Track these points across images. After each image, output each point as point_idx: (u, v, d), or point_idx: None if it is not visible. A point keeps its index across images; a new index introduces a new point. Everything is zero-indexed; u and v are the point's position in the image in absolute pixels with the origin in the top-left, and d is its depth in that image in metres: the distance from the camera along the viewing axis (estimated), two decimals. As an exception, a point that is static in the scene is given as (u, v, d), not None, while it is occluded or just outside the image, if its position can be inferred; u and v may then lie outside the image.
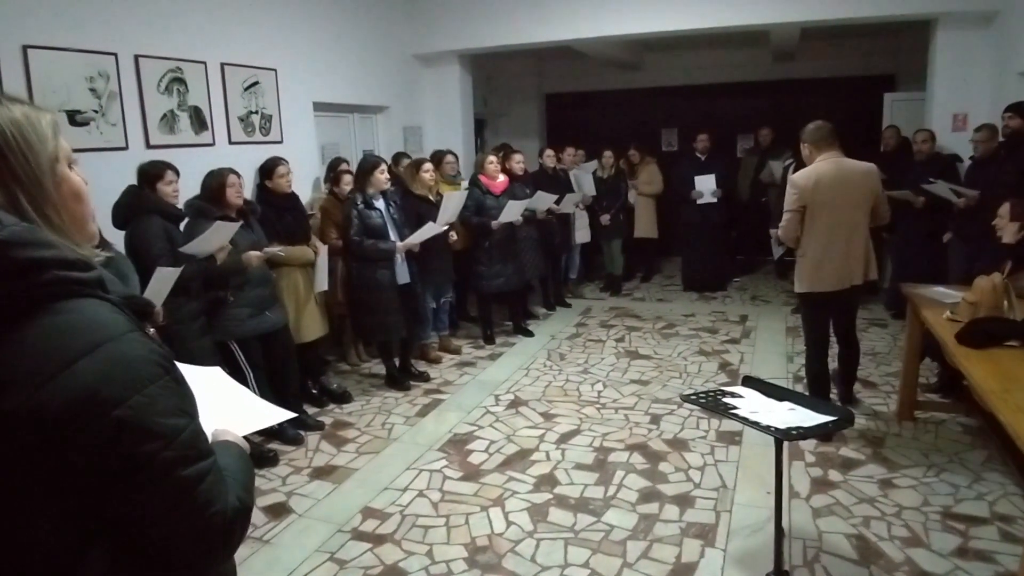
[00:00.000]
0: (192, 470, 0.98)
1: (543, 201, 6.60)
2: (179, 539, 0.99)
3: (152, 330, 1.12)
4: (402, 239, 5.08)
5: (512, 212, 6.00)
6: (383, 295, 5.05)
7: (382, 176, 5.04)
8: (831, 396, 4.47)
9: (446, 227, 5.35)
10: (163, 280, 3.39)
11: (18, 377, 0.89)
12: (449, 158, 6.50)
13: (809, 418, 2.46)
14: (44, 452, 0.89)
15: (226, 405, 1.50)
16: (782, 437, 2.39)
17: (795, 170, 6.71)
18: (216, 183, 4.10)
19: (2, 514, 0.91)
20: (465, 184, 6.45)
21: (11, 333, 0.91)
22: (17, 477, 0.90)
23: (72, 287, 0.96)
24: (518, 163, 6.56)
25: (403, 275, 5.18)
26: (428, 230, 5.10)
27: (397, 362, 5.46)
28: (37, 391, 0.89)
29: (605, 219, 7.89)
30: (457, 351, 6.17)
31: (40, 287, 0.92)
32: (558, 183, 7.17)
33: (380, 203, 5.07)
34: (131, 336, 0.97)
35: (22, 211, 0.98)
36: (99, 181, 3.73)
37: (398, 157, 6.47)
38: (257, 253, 4.17)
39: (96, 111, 4.21)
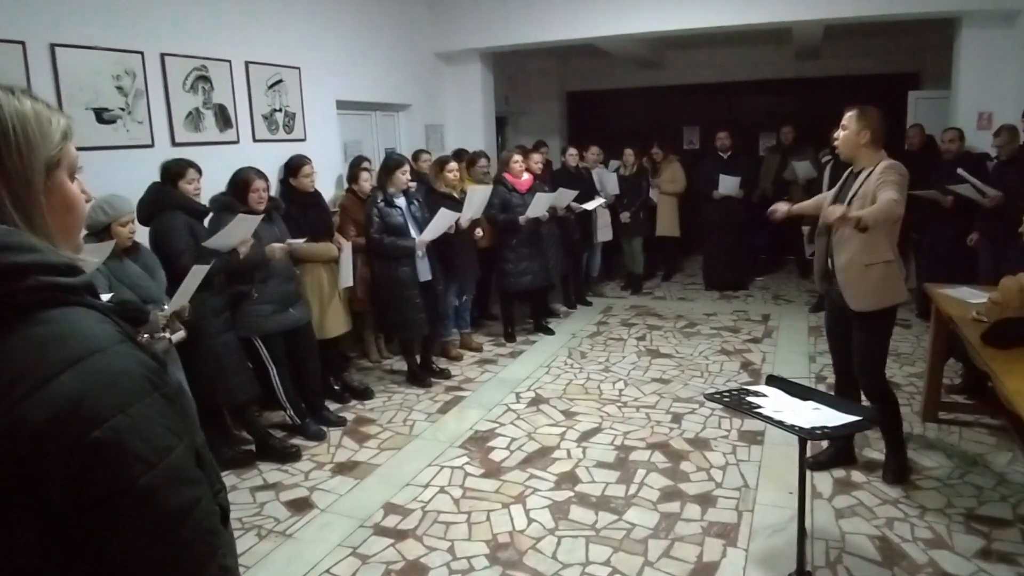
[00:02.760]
0: (178, 498, 0.90)
1: (565, 197, 6.60)
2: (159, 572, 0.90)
3: (169, 335, 1.05)
4: (424, 237, 5.11)
5: (539, 206, 6.01)
6: (404, 292, 5.08)
7: (403, 176, 5.07)
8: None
9: (459, 215, 5.31)
10: (195, 277, 3.43)
11: None
12: (482, 162, 6.48)
13: (834, 418, 2.45)
14: (19, 477, 0.82)
15: None
16: (807, 437, 2.38)
17: (833, 167, 6.70)
18: (241, 183, 4.14)
19: None
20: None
21: None
22: None
23: (56, 294, 0.89)
24: (536, 162, 6.57)
25: (424, 272, 5.20)
26: (442, 219, 5.08)
27: (418, 359, 5.48)
28: (13, 409, 0.82)
29: (625, 217, 7.87)
30: (478, 348, 6.19)
31: (21, 294, 0.85)
32: (580, 182, 7.17)
33: (401, 201, 5.11)
34: (118, 348, 0.89)
35: (2, 209, 0.91)
36: (125, 178, 3.82)
37: (418, 154, 6.49)
38: (280, 245, 4.21)
39: (123, 109, 4.26)
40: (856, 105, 3.48)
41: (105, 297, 0.99)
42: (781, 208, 3.81)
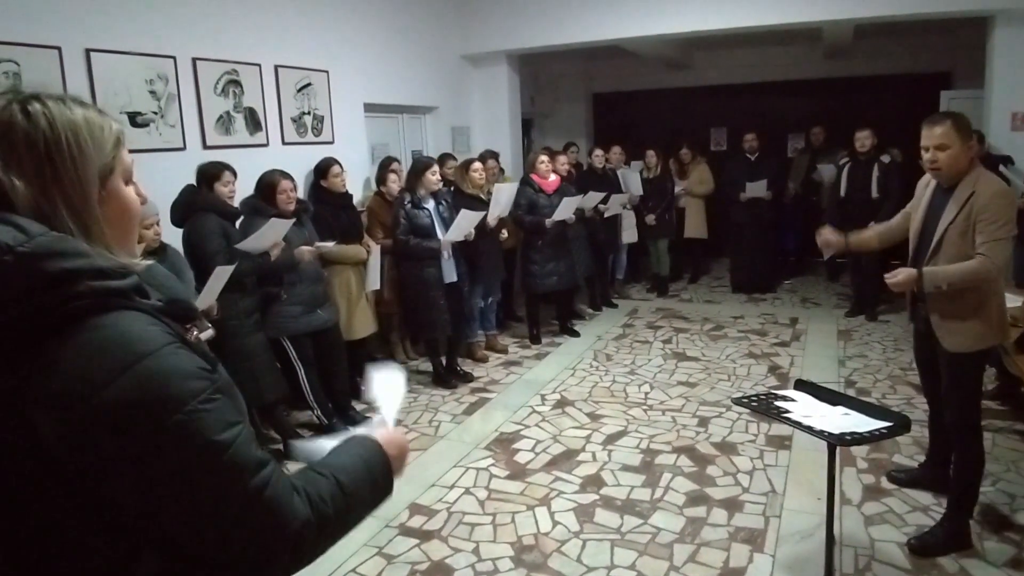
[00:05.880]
0: (244, 484, 0.93)
1: (592, 199, 6.60)
2: (237, 555, 0.95)
3: (197, 332, 1.08)
4: (451, 238, 5.15)
5: (566, 209, 6.01)
6: (429, 293, 5.11)
7: (433, 177, 5.10)
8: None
9: (482, 214, 5.33)
10: (220, 278, 3.50)
11: (54, 400, 0.85)
12: (491, 162, 6.43)
13: (864, 423, 2.42)
14: (82, 477, 0.87)
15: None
16: (836, 442, 2.35)
17: (850, 169, 6.66)
18: (268, 185, 4.20)
19: (39, 544, 0.89)
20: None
21: (44, 353, 0.87)
22: (54, 504, 0.88)
23: (107, 299, 0.91)
24: (562, 164, 6.56)
25: (450, 273, 5.23)
26: (464, 220, 5.09)
27: (444, 360, 5.50)
28: (73, 414, 0.85)
29: (651, 219, 7.85)
30: (504, 350, 6.20)
31: (73, 299, 0.87)
32: (606, 183, 7.16)
33: (430, 203, 5.14)
34: (167, 350, 0.91)
35: (58, 218, 0.93)
36: (158, 181, 3.87)
37: (444, 158, 6.51)
38: (309, 248, 4.26)
39: (155, 113, 4.33)
40: (944, 117, 2.87)
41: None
42: (831, 240, 3.30)
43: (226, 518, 0.92)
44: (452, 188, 5.73)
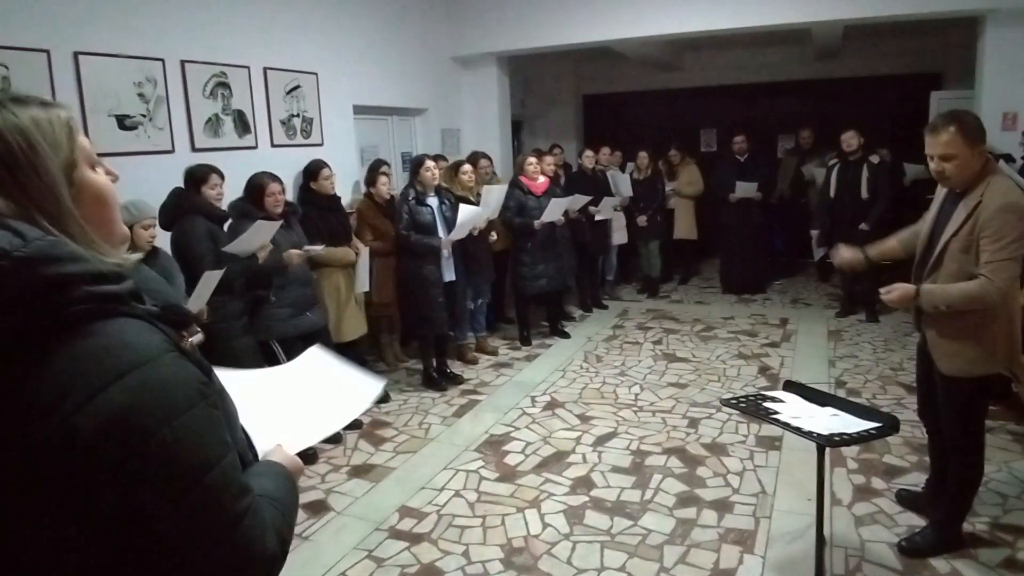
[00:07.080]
0: (227, 507, 0.92)
1: (579, 202, 6.60)
2: None
3: (191, 339, 1.05)
4: (453, 237, 5.18)
5: (554, 211, 6.00)
6: (429, 291, 5.12)
7: (428, 173, 5.11)
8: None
9: (481, 210, 5.34)
10: (209, 282, 3.49)
11: (46, 405, 0.84)
12: (483, 162, 6.48)
13: (852, 424, 2.42)
14: (71, 483, 0.85)
15: (309, 403, 1.39)
16: (825, 443, 2.35)
17: (840, 170, 6.67)
18: (256, 187, 4.19)
19: (28, 548, 0.87)
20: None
21: (40, 358, 0.85)
22: (42, 509, 0.86)
23: (104, 304, 0.89)
24: (549, 165, 6.56)
25: (449, 272, 5.24)
26: (466, 216, 5.11)
27: (435, 362, 5.49)
28: (65, 420, 0.83)
29: (642, 220, 7.85)
30: (494, 352, 6.19)
31: (71, 305, 0.86)
32: (596, 184, 7.15)
33: (433, 200, 5.15)
34: (165, 359, 0.90)
35: (40, 228, 0.90)
36: (146, 184, 3.85)
37: (435, 159, 6.51)
38: (297, 252, 4.25)
39: (144, 115, 4.30)
40: (948, 121, 2.60)
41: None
42: (845, 256, 3.14)
43: (203, 539, 0.90)
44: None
